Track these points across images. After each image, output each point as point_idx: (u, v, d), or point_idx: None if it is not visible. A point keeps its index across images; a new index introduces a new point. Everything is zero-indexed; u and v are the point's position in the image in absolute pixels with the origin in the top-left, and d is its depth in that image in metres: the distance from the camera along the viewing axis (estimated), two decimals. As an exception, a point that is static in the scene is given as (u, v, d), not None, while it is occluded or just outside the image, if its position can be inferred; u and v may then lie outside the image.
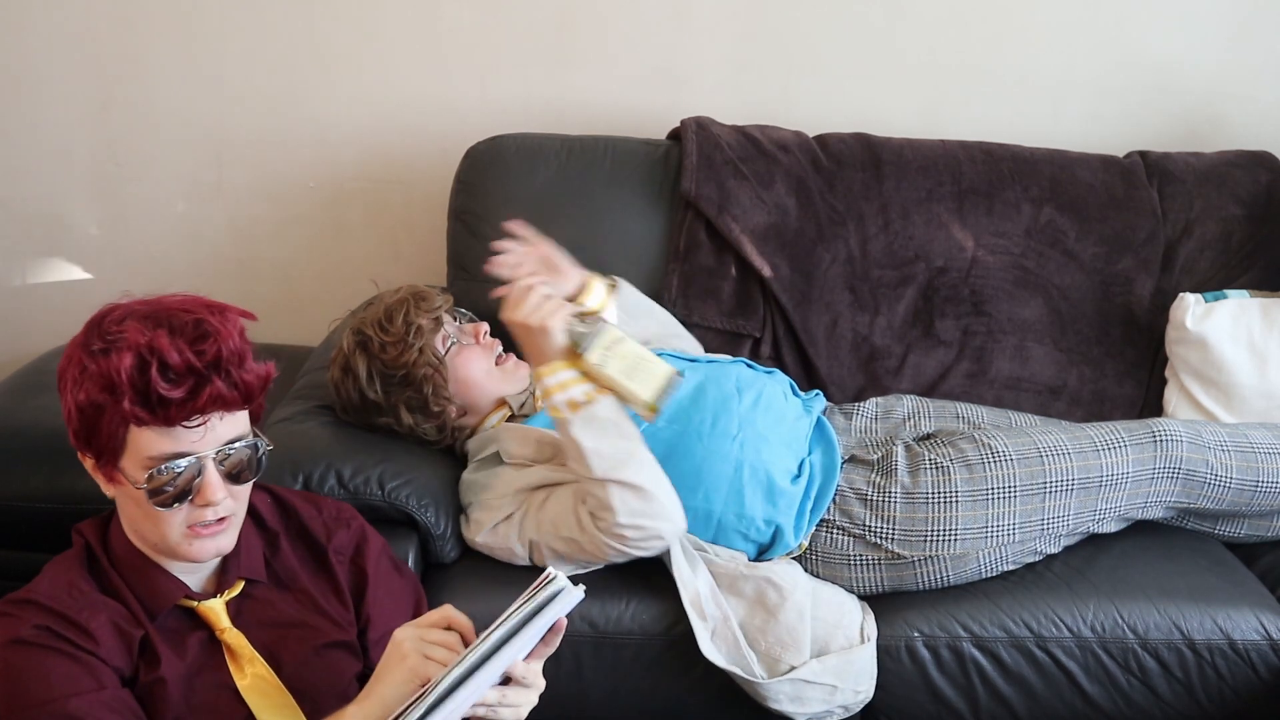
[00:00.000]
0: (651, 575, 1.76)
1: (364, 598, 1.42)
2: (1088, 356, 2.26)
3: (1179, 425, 1.86)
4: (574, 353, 1.67)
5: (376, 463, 1.78)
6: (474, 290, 2.25)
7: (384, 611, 1.43)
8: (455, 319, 1.98)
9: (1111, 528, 1.88)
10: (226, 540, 1.29)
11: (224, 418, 1.23)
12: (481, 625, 1.17)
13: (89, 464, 1.27)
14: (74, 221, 2.63)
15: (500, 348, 1.99)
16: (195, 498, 1.23)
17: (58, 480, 1.89)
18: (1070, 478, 1.81)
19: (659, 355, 1.74)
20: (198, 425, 1.21)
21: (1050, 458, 1.82)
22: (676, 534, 1.72)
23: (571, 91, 2.50)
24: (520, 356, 1.91)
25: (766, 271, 2.22)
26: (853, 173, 2.29)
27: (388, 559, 1.48)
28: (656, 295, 2.22)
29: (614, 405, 1.68)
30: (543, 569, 1.19)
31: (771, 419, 1.87)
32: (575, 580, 1.16)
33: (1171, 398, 2.19)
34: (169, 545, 1.26)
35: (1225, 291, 2.18)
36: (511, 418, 1.95)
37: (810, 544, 1.83)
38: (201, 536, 1.26)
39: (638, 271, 2.23)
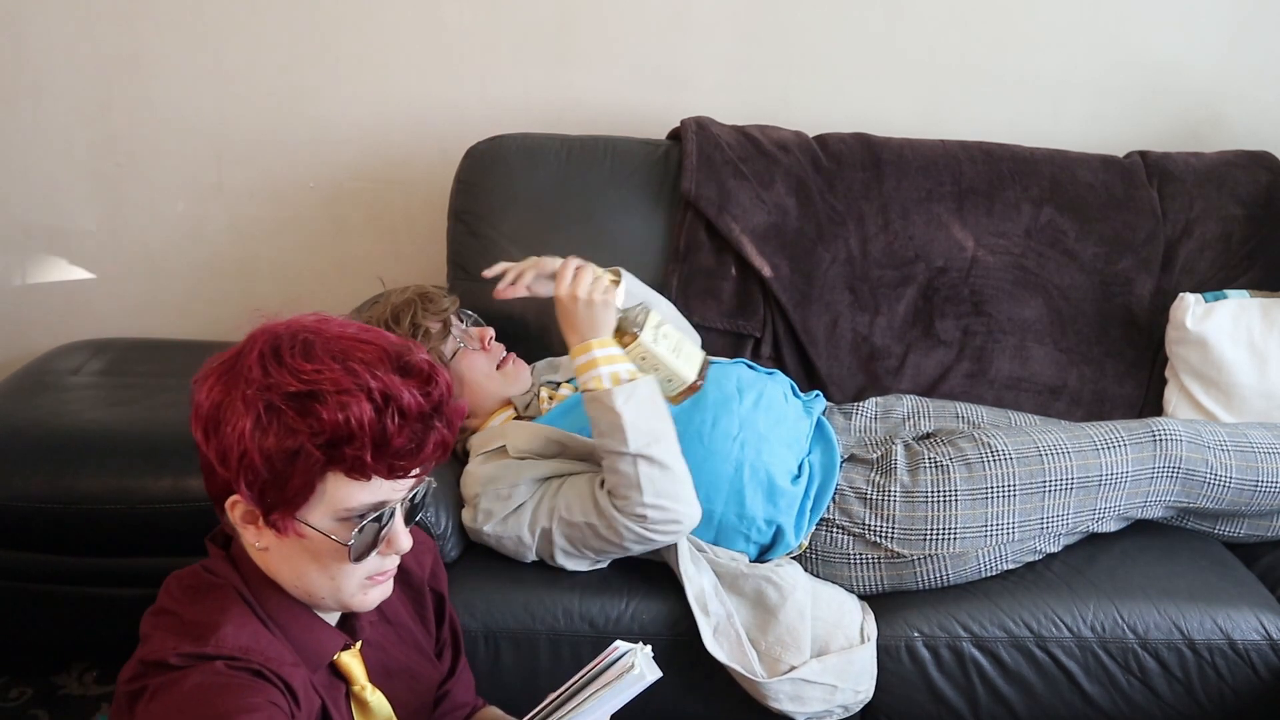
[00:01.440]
0: (652, 575, 1.77)
1: (443, 623, 1.40)
2: (1088, 356, 2.26)
3: (1178, 425, 1.87)
4: (619, 331, 1.72)
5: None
6: (475, 290, 2.25)
7: (446, 630, 1.41)
8: (462, 321, 1.98)
9: (1111, 527, 1.88)
10: (390, 586, 1.20)
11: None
12: (479, 625, 1.17)
13: (243, 512, 1.11)
14: (74, 221, 2.64)
15: (504, 352, 1.99)
16: (384, 547, 1.14)
17: (58, 480, 1.90)
18: (1069, 477, 1.81)
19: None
20: (416, 477, 1.12)
21: (1049, 457, 1.82)
22: (692, 524, 1.72)
23: (571, 91, 2.50)
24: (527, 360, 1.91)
25: (767, 271, 2.22)
26: (853, 173, 2.29)
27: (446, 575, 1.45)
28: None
29: (654, 385, 1.71)
30: (542, 561, 1.18)
31: (772, 420, 1.87)
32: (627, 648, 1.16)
33: (1171, 398, 2.19)
34: (342, 598, 1.15)
35: (1225, 291, 2.18)
36: (517, 418, 1.95)
37: (810, 543, 1.83)
38: (378, 585, 1.17)
39: (638, 271, 2.23)
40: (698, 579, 1.73)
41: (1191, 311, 2.15)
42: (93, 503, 1.90)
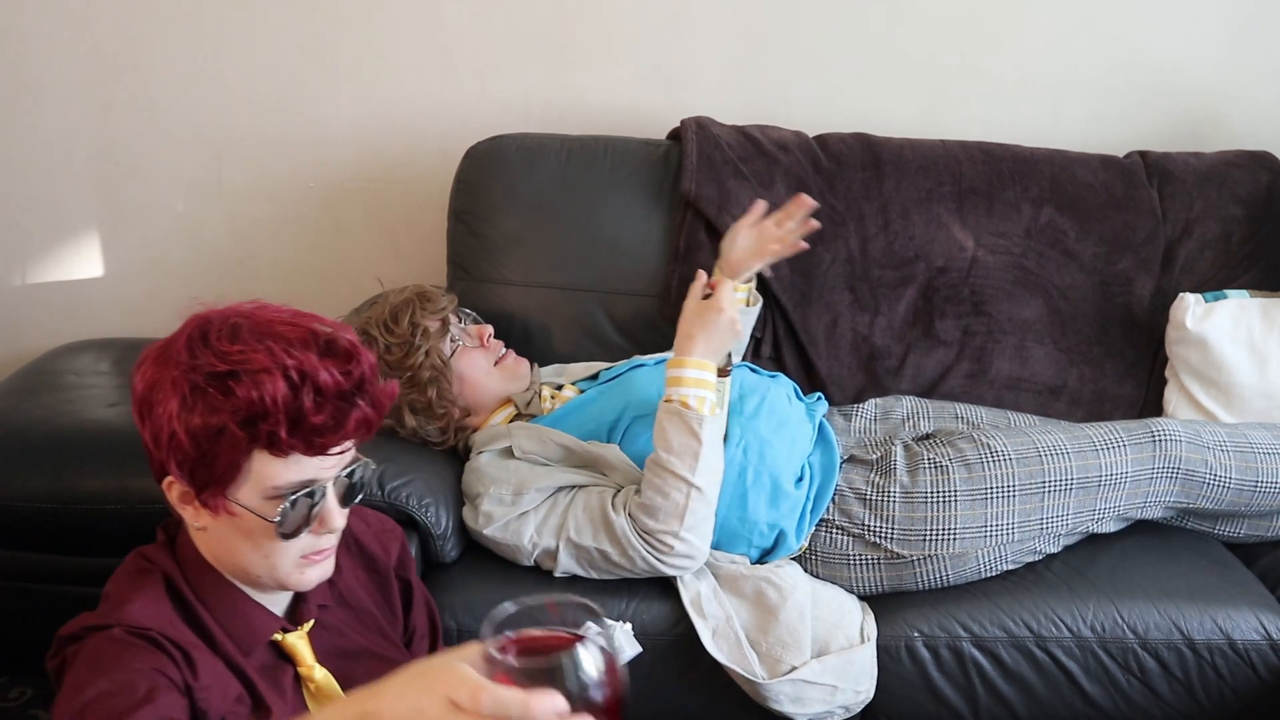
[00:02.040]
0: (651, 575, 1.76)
1: (410, 610, 1.40)
2: (1088, 356, 2.26)
3: (1178, 425, 1.86)
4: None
5: (377, 462, 1.76)
6: (474, 290, 2.25)
7: (421, 615, 1.43)
8: (460, 320, 1.98)
9: (1111, 527, 1.88)
10: (330, 565, 1.22)
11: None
12: (479, 624, 1.17)
13: (179, 492, 1.15)
14: (74, 221, 2.64)
15: (503, 349, 1.99)
16: (316, 526, 1.16)
17: (58, 480, 1.90)
18: (1069, 477, 1.81)
19: None
20: (340, 453, 1.14)
21: (1049, 457, 1.82)
22: (697, 567, 1.73)
23: (571, 91, 2.50)
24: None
25: (767, 272, 2.22)
26: (853, 173, 2.29)
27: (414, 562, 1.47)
28: (657, 296, 2.22)
29: (721, 426, 1.71)
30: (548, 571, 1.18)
31: (775, 424, 1.87)
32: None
33: (1171, 398, 2.19)
34: (278, 576, 1.18)
35: (1225, 291, 2.18)
36: (517, 416, 1.95)
37: (810, 544, 1.83)
38: (314, 564, 1.19)
39: (638, 271, 2.24)
40: (694, 584, 1.73)
41: (1191, 311, 2.15)
42: (93, 503, 1.90)
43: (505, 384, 1.95)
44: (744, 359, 2.16)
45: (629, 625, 1.33)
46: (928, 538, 1.79)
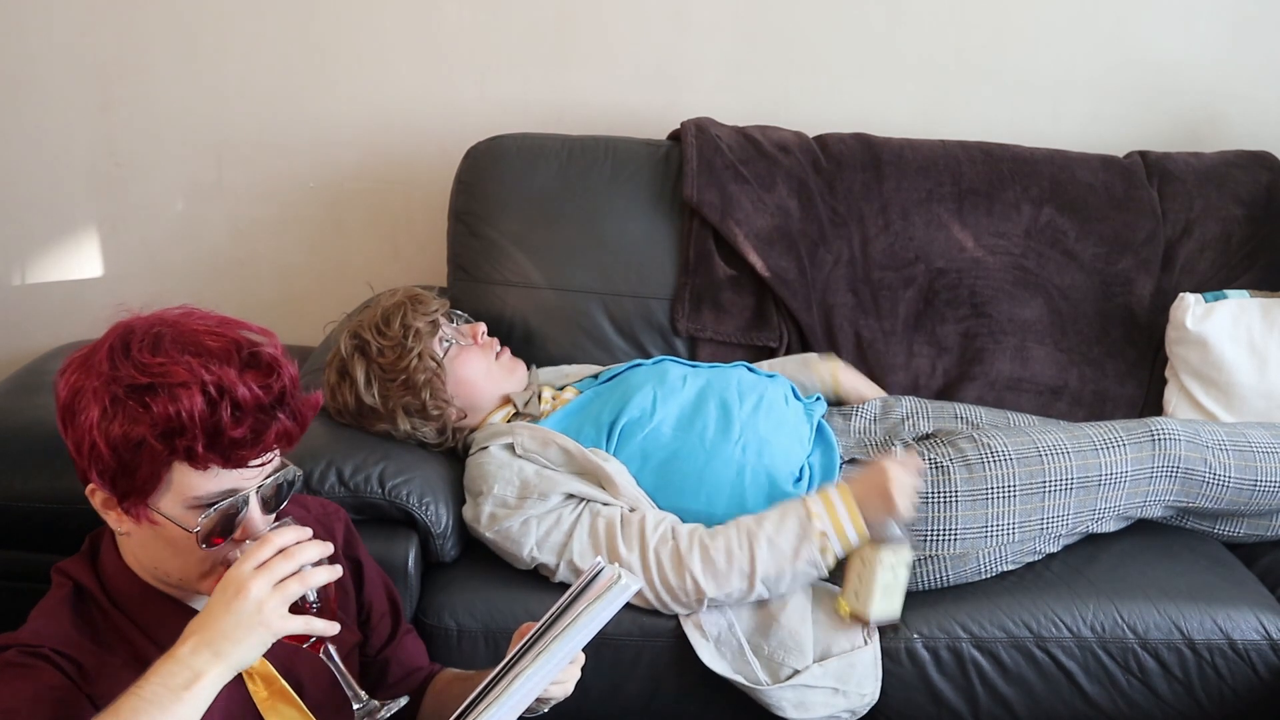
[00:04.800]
0: (651, 575, 1.76)
1: (363, 587, 1.42)
2: (1088, 357, 2.26)
3: (1177, 424, 1.87)
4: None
5: (377, 461, 1.78)
6: (474, 290, 2.25)
7: (378, 593, 1.45)
8: (452, 321, 1.97)
9: (1111, 527, 1.88)
10: None
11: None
12: (479, 624, 1.17)
13: (102, 499, 1.16)
14: (74, 221, 2.63)
15: (498, 345, 1.99)
16: (239, 534, 1.17)
17: (58, 480, 1.89)
18: (1069, 477, 1.81)
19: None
20: (260, 465, 1.14)
21: (1049, 457, 1.82)
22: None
23: (571, 91, 2.50)
24: None
25: (770, 275, 2.21)
26: (853, 173, 2.29)
27: (361, 541, 1.49)
28: (660, 299, 2.23)
29: (817, 571, 1.70)
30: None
31: (773, 423, 1.87)
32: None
33: (1172, 398, 2.19)
34: (197, 585, 1.19)
35: (1225, 291, 2.18)
36: (515, 416, 1.94)
37: (810, 544, 1.82)
38: None
39: (639, 272, 2.23)
40: None
41: (1191, 311, 2.15)
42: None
43: (503, 381, 1.95)
44: (744, 362, 2.16)
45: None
46: (928, 538, 1.79)
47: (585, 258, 2.23)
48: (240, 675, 1.23)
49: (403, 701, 1.20)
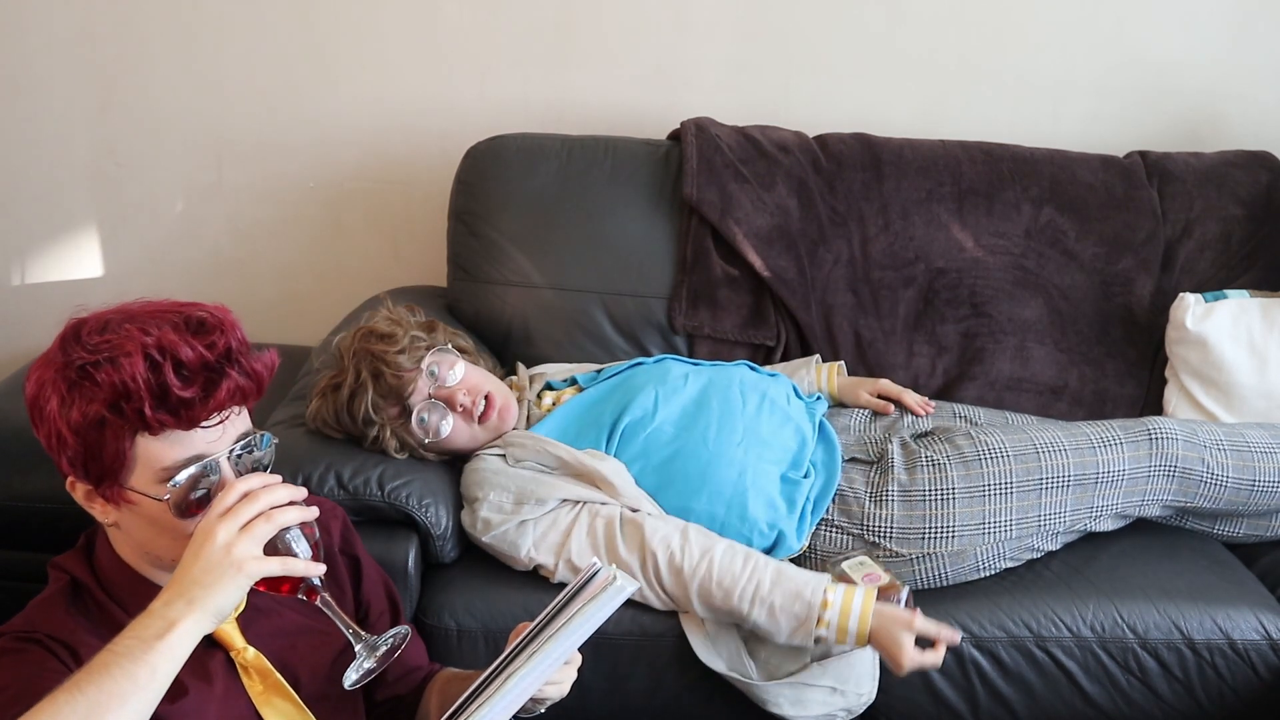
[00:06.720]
0: (651, 575, 1.77)
1: (360, 585, 1.42)
2: (1088, 357, 2.26)
3: (1174, 424, 1.87)
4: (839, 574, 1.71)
5: (376, 463, 1.78)
6: (474, 290, 2.25)
7: (376, 591, 1.45)
8: (433, 374, 1.82)
9: (1109, 526, 1.88)
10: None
11: (240, 413, 1.18)
12: (479, 624, 1.17)
13: (83, 491, 1.17)
14: (74, 221, 2.64)
15: (481, 403, 1.84)
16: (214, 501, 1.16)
17: (58, 480, 1.89)
18: (1066, 474, 1.81)
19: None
20: (217, 424, 1.14)
21: (1046, 454, 1.82)
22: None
23: (571, 91, 2.50)
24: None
25: (769, 274, 2.21)
26: (853, 173, 2.29)
27: (360, 540, 1.49)
28: (658, 298, 2.23)
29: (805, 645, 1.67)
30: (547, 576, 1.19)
31: (775, 422, 1.87)
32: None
33: (1172, 398, 2.19)
34: None
35: (1225, 291, 2.18)
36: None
37: (810, 543, 1.83)
38: None
39: (639, 271, 2.23)
40: None
41: (1191, 311, 2.15)
42: (93, 503, 1.90)
43: (494, 434, 1.88)
44: (744, 360, 2.16)
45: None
46: (926, 536, 1.79)
47: (585, 257, 2.23)
48: (236, 671, 1.24)
49: (404, 630, 1.19)
